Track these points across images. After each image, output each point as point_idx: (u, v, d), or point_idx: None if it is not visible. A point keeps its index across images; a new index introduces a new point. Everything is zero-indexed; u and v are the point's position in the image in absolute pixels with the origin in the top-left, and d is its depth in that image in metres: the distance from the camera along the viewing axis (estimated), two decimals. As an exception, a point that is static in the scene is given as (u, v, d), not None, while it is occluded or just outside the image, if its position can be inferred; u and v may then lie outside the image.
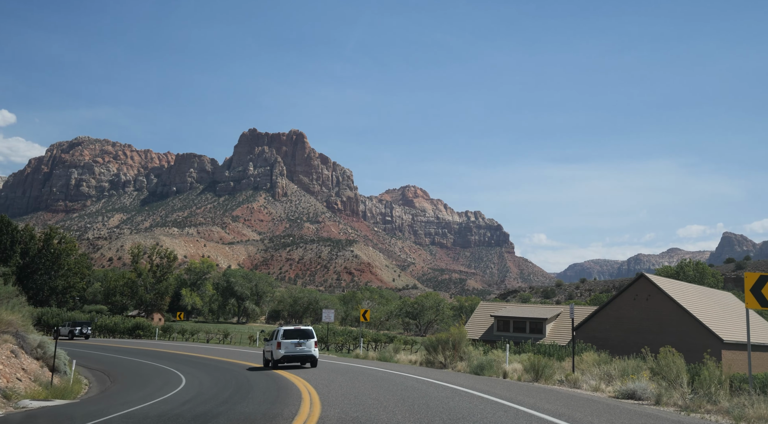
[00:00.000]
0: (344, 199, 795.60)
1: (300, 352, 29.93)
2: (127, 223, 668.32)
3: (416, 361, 33.09)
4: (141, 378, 27.13)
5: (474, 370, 26.01)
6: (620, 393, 18.47)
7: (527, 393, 18.12)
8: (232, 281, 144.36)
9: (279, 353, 29.61)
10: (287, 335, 30.09)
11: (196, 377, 26.81)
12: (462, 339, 27.91)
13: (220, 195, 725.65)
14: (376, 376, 23.26)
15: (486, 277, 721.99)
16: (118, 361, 37.42)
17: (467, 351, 28.78)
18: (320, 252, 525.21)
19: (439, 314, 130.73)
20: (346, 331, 61.50)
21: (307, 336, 30.37)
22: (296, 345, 29.87)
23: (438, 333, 30.80)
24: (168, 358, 40.17)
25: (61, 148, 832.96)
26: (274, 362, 30.10)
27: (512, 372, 24.10)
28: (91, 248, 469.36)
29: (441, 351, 29.13)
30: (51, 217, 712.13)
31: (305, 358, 30.31)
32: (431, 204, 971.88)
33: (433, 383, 20.54)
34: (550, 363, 21.32)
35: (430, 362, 30.71)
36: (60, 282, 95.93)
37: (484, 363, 25.51)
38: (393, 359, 35.66)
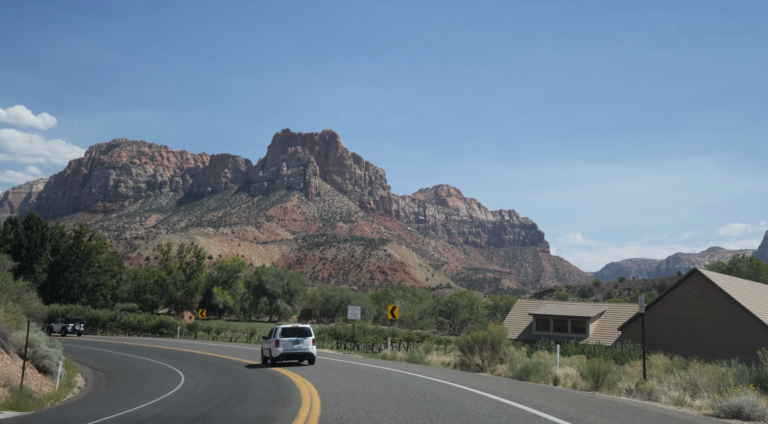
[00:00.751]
0: (377, 199, 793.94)
1: (298, 350, 30.18)
2: (164, 223, 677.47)
3: (449, 363, 30.10)
4: (140, 378, 25.36)
5: (517, 374, 22.66)
6: (721, 410, 14.50)
7: (597, 410, 14.41)
8: (263, 280, 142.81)
9: (277, 350, 29.88)
10: (285, 334, 30.36)
11: (196, 376, 25.40)
12: (502, 338, 24.60)
13: (254, 195, 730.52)
14: (400, 382, 20.30)
15: (521, 276, 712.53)
16: (125, 360, 35.24)
17: (508, 352, 25.39)
18: (353, 251, 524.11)
19: (473, 313, 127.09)
20: (377, 330, 58.75)
21: (304, 334, 30.64)
22: (294, 343, 30.14)
23: (474, 332, 27.44)
24: (177, 357, 37.98)
25: (100, 149, 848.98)
26: (272, 360, 30.28)
27: (564, 378, 20.69)
28: (128, 247, 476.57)
29: (478, 352, 25.95)
30: (90, 217, 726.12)
31: (303, 356, 30.51)
32: (465, 203, 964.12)
33: (471, 393, 16.97)
34: (613, 368, 17.87)
35: (465, 365, 27.56)
36: (90, 280, 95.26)
37: (529, 367, 22.02)
38: (423, 361, 32.53)
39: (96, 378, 25.40)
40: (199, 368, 29.74)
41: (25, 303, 32.74)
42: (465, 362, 27.29)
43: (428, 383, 19.92)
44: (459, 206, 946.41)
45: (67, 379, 21.07)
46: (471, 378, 22.12)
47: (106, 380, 24.81)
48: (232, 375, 25.17)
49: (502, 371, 24.02)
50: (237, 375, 25.18)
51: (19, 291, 32.47)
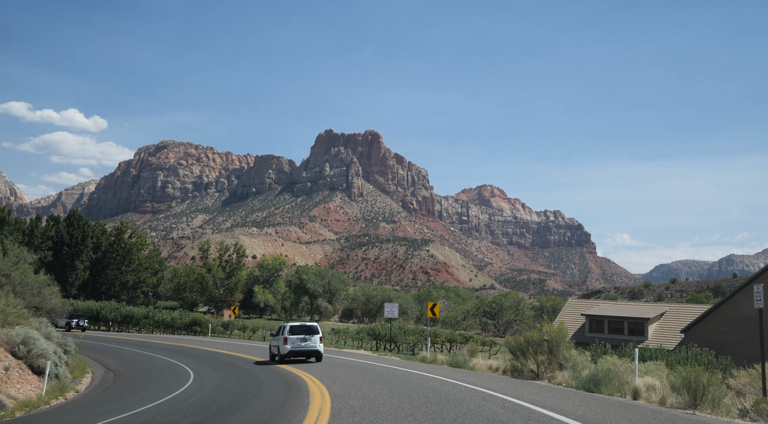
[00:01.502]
0: (420, 199, 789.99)
1: (305, 347, 30.38)
2: (210, 223, 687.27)
3: (497, 368, 26.53)
4: (146, 379, 23.36)
5: (584, 384, 18.93)
6: None
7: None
8: (304, 278, 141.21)
9: (285, 348, 30.16)
10: (293, 331, 30.63)
11: (204, 377, 23.57)
12: (561, 340, 20.93)
13: (298, 195, 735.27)
14: (439, 394, 16.77)
15: (566, 277, 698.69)
16: (142, 359, 33.12)
17: (569, 356, 21.85)
18: (396, 252, 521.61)
19: (518, 314, 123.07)
20: (418, 330, 55.78)
21: (312, 332, 30.90)
22: (302, 341, 30.38)
23: (527, 332, 23.96)
24: (196, 356, 35.77)
25: (148, 151, 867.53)
26: (280, 357, 30.53)
27: (646, 390, 16.74)
28: (175, 247, 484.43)
29: (532, 356, 22.54)
30: (139, 217, 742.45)
31: (310, 353, 30.67)
32: (508, 203, 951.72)
33: (534, 413, 13.42)
34: (714, 380, 13.89)
35: (516, 371, 24.03)
36: (130, 277, 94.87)
37: (598, 375, 18.10)
38: (467, 365, 28.85)
39: (104, 379, 23.19)
40: (212, 368, 27.69)
41: (45, 298, 30.92)
42: (516, 367, 23.98)
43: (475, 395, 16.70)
44: (503, 207, 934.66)
45: (68, 380, 18.92)
46: (526, 388, 19.06)
47: (112, 380, 22.57)
48: (242, 378, 22.72)
49: (563, 379, 20.67)
50: (248, 378, 22.74)
51: (40, 285, 30.64)
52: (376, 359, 34.30)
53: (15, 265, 30.24)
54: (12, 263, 30.09)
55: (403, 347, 60.04)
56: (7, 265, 29.38)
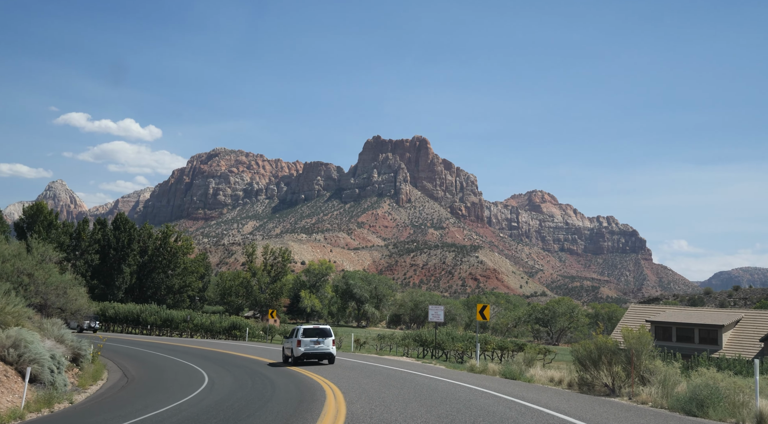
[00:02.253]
0: (468, 205, 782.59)
1: (319, 349, 30.69)
2: (260, 229, 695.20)
3: (560, 380, 22.80)
4: (155, 386, 21.29)
5: (682, 405, 15.12)
6: None
7: None
8: (350, 284, 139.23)
9: (299, 350, 30.48)
10: (307, 334, 30.93)
11: (214, 385, 21.66)
12: (643, 348, 17.27)
13: (346, 202, 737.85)
14: (492, 417, 13.67)
15: (620, 285, 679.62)
16: (163, 364, 31.02)
17: (654, 368, 18.03)
18: (444, 258, 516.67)
19: (572, 321, 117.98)
20: (467, 336, 52.50)
21: (325, 335, 31.17)
22: (315, 343, 30.69)
23: (598, 337, 20.24)
24: (220, 361, 33.62)
25: (200, 159, 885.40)
26: (294, 359, 30.85)
27: None
28: (226, 253, 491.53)
29: (605, 366, 18.82)
30: (192, 224, 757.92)
31: (323, 355, 31.01)
32: (560, 209, 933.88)
33: None
34: None
35: (585, 384, 20.05)
36: (176, 281, 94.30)
37: (702, 393, 14.15)
38: (523, 377, 24.95)
39: (114, 386, 20.88)
40: (227, 374, 25.49)
41: (70, 299, 29.08)
42: (585, 379, 19.95)
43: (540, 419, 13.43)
44: (554, 212, 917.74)
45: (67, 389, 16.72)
46: (606, 410, 15.39)
47: (119, 389, 20.27)
48: (257, 388, 20.32)
49: (649, 397, 16.95)
50: (262, 386, 20.57)
51: (65, 285, 28.82)
52: (418, 368, 30.91)
53: (39, 264, 28.49)
54: (36, 261, 28.34)
55: (451, 355, 56.86)
56: (30, 264, 27.60)
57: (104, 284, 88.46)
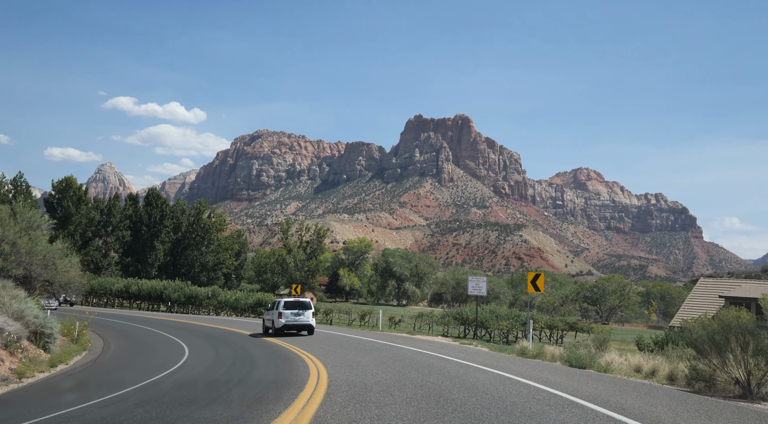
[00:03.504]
0: (512, 184, 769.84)
1: (299, 321, 31.75)
2: (302, 210, 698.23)
3: (653, 371, 17.24)
4: (134, 361, 18.24)
5: None
6: None
7: None
8: (390, 262, 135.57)
9: (280, 321, 31.50)
10: (287, 306, 31.98)
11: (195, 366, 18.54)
12: None
13: (388, 182, 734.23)
14: None
15: (669, 263, 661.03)
16: (149, 344, 27.22)
17: None
18: (487, 237, 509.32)
19: (623, 300, 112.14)
20: (512, 314, 48.08)
21: (305, 307, 32.24)
22: (295, 315, 31.70)
23: (723, 312, 14.97)
24: (213, 337, 30.72)
25: (244, 141, 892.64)
26: (275, 330, 31.88)
27: None
28: (269, 233, 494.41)
29: (732, 355, 13.35)
30: (236, 205, 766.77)
31: (303, 327, 32.12)
32: (606, 187, 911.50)
33: None
34: None
35: (702, 379, 14.48)
36: (210, 258, 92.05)
37: None
38: (595, 365, 19.16)
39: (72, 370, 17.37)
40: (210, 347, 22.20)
41: (59, 270, 25.83)
42: (702, 373, 14.34)
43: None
44: (600, 190, 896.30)
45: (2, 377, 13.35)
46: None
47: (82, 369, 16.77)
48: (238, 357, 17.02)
49: None
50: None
51: (54, 255, 25.57)
52: (455, 351, 24.41)
53: (24, 231, 25.26)
54: (20, 228, 25.10)
55: (495, 335, 52.62)
56: (12, 230, 24.34)
57: (137, 261, 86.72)
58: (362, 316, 49.50)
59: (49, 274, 25.00)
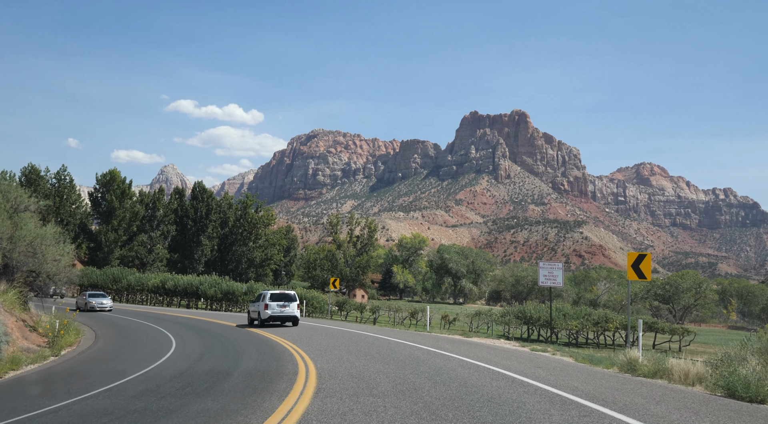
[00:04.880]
0: (571, 180, 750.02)
1: (284, 313, 32.50)
2: (358, 208, 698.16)
3: None
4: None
5: None
6: None
7: None
8: (446, 258, 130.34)
9: (266, 313, 32.27)
10: (273, 298, 32.83)
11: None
12: None
13: (443, 179, 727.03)
14: None
15: (740, 261, 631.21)
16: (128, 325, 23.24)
17: None
18: (546, 234, 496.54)
19: (699, 298, 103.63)
20: (583, 313, 42.43)
21: (290, 299, 33.13)
22: (281, 307, 32.50)
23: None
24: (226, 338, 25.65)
25: (300, 141, 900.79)
26: (261, 321, 32.62)
27: None
28: (324, 232, 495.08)
29: None
30: (293, 205, 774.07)
31: (288, 318, 32.85)
32: (671, 182, 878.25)
33: None
34: None
35: None
36: (257, 253, 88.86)
37: None
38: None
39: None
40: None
41: (47, 259, 21.97)
42: None
43: None
44: (664, 185, 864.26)
45: None
46: None
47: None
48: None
49: None
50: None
51: (42, 242, 21.74)
52: (528, 364, 17.03)
53: (6, 213, 21.49)
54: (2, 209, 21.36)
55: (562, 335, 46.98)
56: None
57: (184, 257, 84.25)
58: (412, 314, 44.64)
59: (34, 263, 21.17)
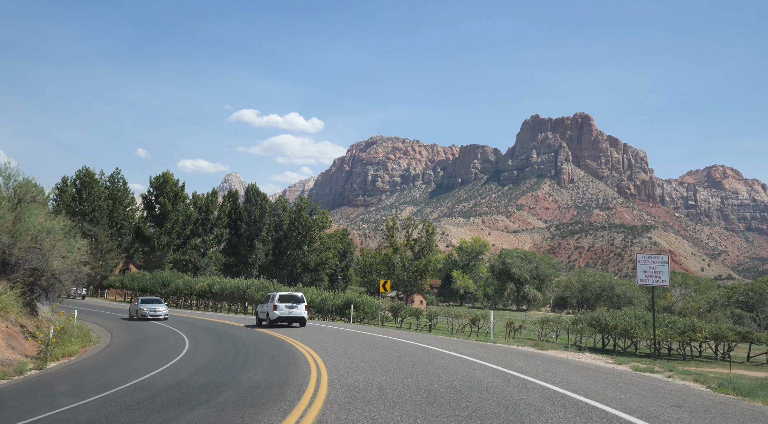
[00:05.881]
0: (637, 183, 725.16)
1: (292, 314, 33.44)
2: (417, 214, 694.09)
3: None
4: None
5: None
6: None
7: None
8: (508, 263, 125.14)
9: (275, 314, 33.27)
10: (282, 300, 33.85)
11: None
12: None
13: (504, 184, 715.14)
14: None
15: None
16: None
17: None
18: (612, 239, 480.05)
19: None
20: (666, 321, 37.62)
21: (298, 301, 34.10)
22: (289, 308, 33.51)
23: None
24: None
25: (359, 147, 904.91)
26: (269, 322, 33.71)
27: None
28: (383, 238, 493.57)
29: None
30: (353, 211, 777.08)
31: (296, 319, 33.66)
32: (745, 185, 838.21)
33: None
34: None
35: None
36: (312, 257, 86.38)
37: None
38: None
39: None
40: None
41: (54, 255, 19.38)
42: None
43: None
44: (738, 189, 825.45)
45: None
46: None
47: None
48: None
49: None
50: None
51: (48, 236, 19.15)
52: (647, 394, 12.33)
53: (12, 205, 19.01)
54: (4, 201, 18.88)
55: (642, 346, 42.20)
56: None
57: (237, 261, 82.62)
58: (473, 321, 40.65)
59: (37, 260, 18.56)
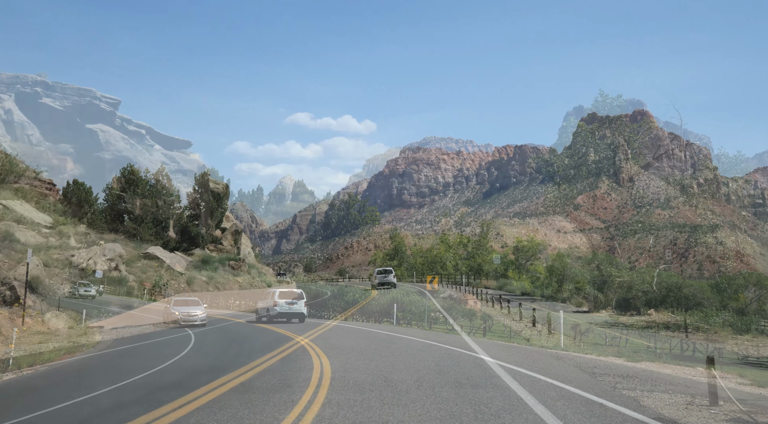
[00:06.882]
0: (701, 181, 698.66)
1: (292, 310, 34.79)
2: (471, 215, 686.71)
3: None
4: None
5: None
6: None
7: None
8: (567, 263, 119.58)
9: (275, 310, 34.57)
10: (282, 296, 35.32)
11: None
12: None
13: (560, 184, 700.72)
14: None
15: None
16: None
17: None
18: (675, 239, 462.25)
19: None
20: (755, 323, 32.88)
21: (298, 297, 35.36)
22: (290, 304, 34.91)
23: None
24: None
25: (411, 149, 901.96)
26: (269, 317, 35.22)
27: None
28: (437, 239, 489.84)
29: None
30: (405, 212, 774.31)
31: (295, 315, 34.95)
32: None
33: None
34: None
35: None
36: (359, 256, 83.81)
37: None
38: None
39: None
40: None
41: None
42: None
43: None
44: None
45: None
46: None
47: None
48: None
49: None
50: None
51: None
52: None
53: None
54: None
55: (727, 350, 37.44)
56: None
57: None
58: (533, 323, 36.79)
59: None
